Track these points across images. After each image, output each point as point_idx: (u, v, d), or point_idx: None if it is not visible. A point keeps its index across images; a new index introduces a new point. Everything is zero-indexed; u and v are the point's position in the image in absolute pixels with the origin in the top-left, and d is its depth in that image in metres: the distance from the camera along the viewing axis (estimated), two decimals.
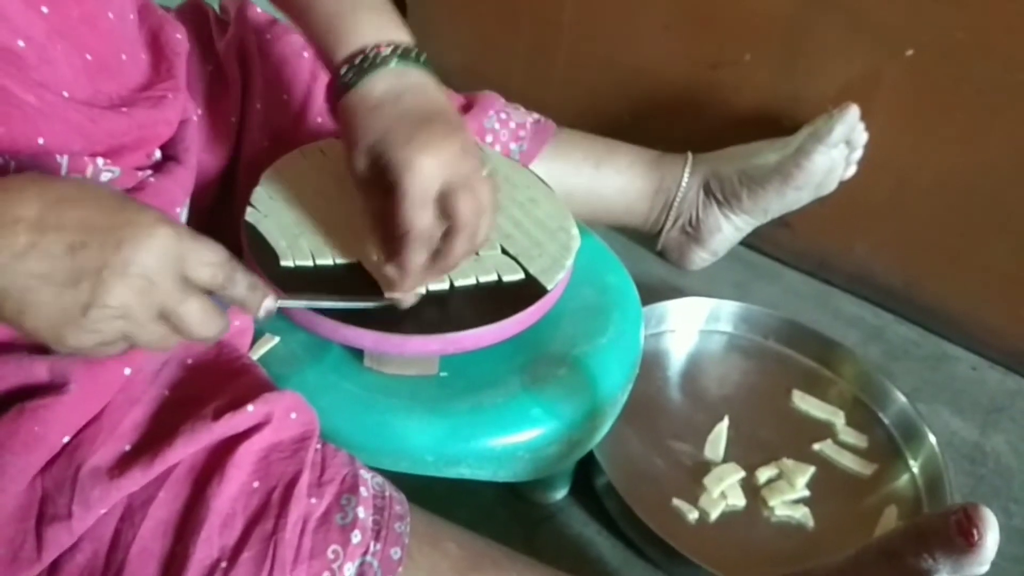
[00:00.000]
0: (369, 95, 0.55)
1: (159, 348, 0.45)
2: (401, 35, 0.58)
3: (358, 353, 0.62)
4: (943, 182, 0.90)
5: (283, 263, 0.61)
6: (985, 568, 0.44)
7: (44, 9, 0.51)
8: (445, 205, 0.53)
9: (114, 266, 0.41)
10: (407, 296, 0.58)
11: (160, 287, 0.42)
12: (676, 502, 0.74)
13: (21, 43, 0.50)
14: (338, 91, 0.57)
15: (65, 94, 0.53)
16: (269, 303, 0.48)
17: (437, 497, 0.57)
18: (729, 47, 0.98)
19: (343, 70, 0.57)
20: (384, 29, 0.58)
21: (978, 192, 0.88)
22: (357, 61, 0.56)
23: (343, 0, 0.59)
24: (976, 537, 0.43)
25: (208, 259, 0.44)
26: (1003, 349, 0.94)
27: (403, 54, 0.57)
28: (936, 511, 0.45)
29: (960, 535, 0.43)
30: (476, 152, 0.56)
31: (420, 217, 0.53)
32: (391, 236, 0.55)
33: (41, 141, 0.51)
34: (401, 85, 0.56)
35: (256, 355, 0.61)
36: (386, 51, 0.56)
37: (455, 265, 0.56)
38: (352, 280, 0.61)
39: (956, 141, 0.88)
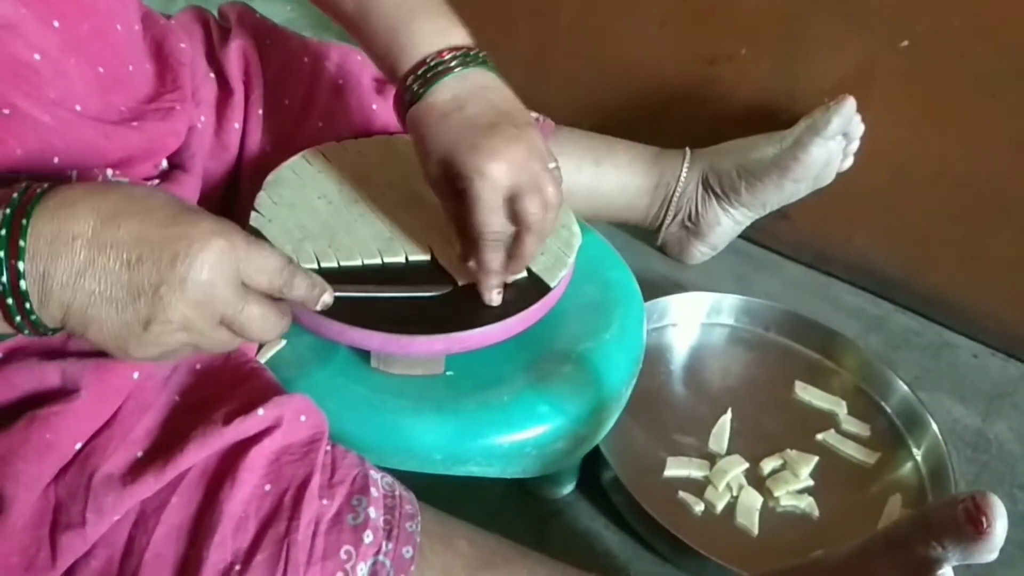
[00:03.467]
0: (435, 105, 0.57)
1: (224, 351, 0.46)
2: (460, 37, 0.59)
3: (365, 354, 0.63)
4: (941, 171, 0.90)
5: None
6: (994, 555, 0.43)
7: (56, 23, 0.51)
8: (513, 208, 0.55)
9: (171, 282, 0.41)
10: (492, 295, 0.60)
11: (218, 298, 0.43)
12: (682, 495, 0.74)
13: (37, 56, 0.50)
14: (405, 104, 0.58)
15: (78, 108, 0.53)
16: (327, 298, 0.48)
17: (446, 495, 0.57)
18: (725, 42, 0.98)
19: (407, 82, 0.58)
20: (443, 34, 0.59)
21: (976, 180, 0.89)
22: (420, 72, 0.57)
23: (400, 8, 0.60)
24: (985, 525, 0.42)
25: (265, 267, 0.44)
26: (1004, 336, 0.94)
27: (464, 58, 0.58)
28: (943, 499, 0.45)
29: (969, 523, 0.43)
30: (542, 150, 0.57)
31: (491, 222, 0.55)
32: (467, 237, 0.58)
33: (56, 160, 0.51)
34: (465, 91, 0.57)
35: (264, 359, 0.61)
36: (447, 57, 0.57)
37: (529, 260, 0.59)
38: (357, 282, 0.61)
39: (953, 130, 0.88)
